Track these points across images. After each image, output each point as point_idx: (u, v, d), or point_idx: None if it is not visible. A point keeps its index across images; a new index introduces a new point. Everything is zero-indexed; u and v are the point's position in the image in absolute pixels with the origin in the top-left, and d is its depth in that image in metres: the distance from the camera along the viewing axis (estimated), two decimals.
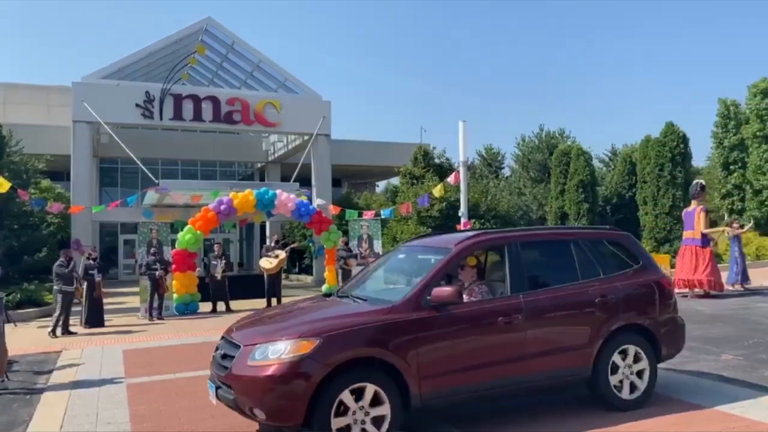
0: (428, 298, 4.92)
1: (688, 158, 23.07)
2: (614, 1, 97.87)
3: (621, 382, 5.54)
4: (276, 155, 31.03)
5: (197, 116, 22.51)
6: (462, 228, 19.05)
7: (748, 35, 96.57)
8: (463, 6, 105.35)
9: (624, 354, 5.59)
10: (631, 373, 5.58)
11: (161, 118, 21.91)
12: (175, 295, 14.51)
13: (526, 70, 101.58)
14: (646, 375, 5.63)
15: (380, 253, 17.74)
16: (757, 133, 28.38)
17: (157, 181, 19.42)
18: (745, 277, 14.98)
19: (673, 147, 22.19)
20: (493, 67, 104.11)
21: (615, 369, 5.52)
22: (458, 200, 20.22)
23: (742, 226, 16.88)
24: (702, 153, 67.16)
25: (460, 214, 19.63)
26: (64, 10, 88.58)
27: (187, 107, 22.32)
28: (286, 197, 16.40)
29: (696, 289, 14.15)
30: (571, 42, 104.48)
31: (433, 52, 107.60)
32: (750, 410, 5.37)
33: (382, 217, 19.37)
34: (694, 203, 14.89)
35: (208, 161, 32.96)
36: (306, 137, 25.09)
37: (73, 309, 12.10)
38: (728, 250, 16.42)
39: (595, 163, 34.05)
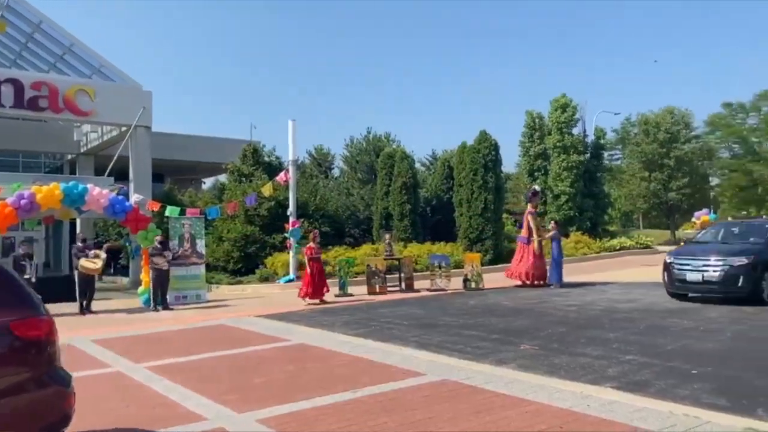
0: None
1: (499, 164, 25.06)
2: (435, 11, 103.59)
3: None
4: (89, 147, 28.66)
5: None
6: (290, 227, 19.05)
7: (554, 53, 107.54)
8: (300, 5, 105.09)
9: None
10: None
11: None
12: None
13: (356, 72, 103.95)
14: None
15: (203, 253, 17.09)
16: (557, 144, 31.76)
17: None
18: (559, 276, 16.37)
19: (486, 154, 23.97)
20: (324, 69, 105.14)
21: None
22: (287, 199, 20.18)
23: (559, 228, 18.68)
24: (512, 160, 73.41)
25: (288, 213, 19.61)
26: None
27: None
28: (99, 192, 15.20)
29: (526, 281, 16.17)
30: (400, 49, 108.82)
31: (270, 49, 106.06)
32: (540, 394, 5.98)
33: (208, 216, 18.68)
34: (529, 206, 17.06)
35: (8, 151, 29.52)
36: (124, 128, 23.48)
37: None
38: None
39: (418, 166, 35.82)
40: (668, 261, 12.97)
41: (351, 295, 15.71)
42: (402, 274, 16.86)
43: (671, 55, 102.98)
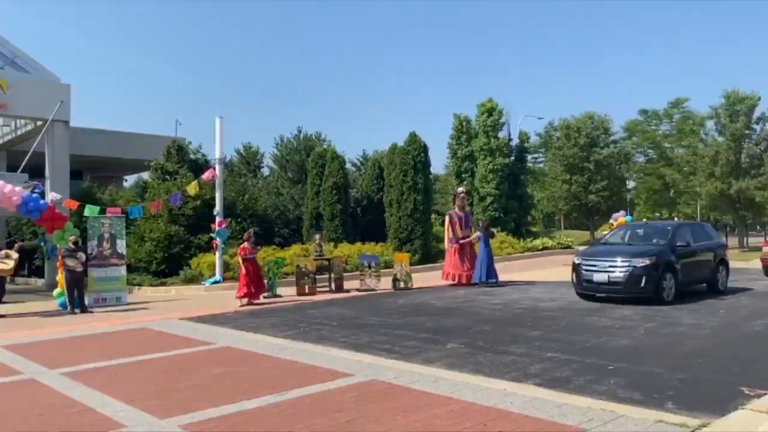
0: None
1: (428, 166, 25.40)
2: (365, 10, 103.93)
3: None
4: (1, 141, 27.06)
5: None
6: (216, 227, 18.63)
7: (482, 56, 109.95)
8: (229, 3, 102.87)
9: None
10: None
11: None
12: None
13: (288, 71, 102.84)
14: None
15: (124, 253, 16.45)
16: (483, 147, 32.53)
17: None
18: (490, 275, 16.54)
19: (415, 155, 24.25)
20: (255, 67, 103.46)
21: None
22: (214, 198, 19.71)
23: (486, 228, 19.07)
24: (440, 162, 74.62)
25: (215, 212, 19.15)
26: None
27: None
28: (11, 190, 14.40)
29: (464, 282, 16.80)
30: (330, 50, 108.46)
31: (196, 44, 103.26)
32: (465, 392, 6.10)
33: (130, 216, 17.99)
34: (456, 207, 17.72)
35: None
36: (39, 122, 22.30)
37: None
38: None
39: (349, 166, 35.84)
40: (576, 262, 13.16)
41: (280, 296, 15.53)
42: (332, 275, 16.81)
43: (595, 61, 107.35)
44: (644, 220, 34.96)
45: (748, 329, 9.45)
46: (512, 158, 33.54)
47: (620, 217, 23.32)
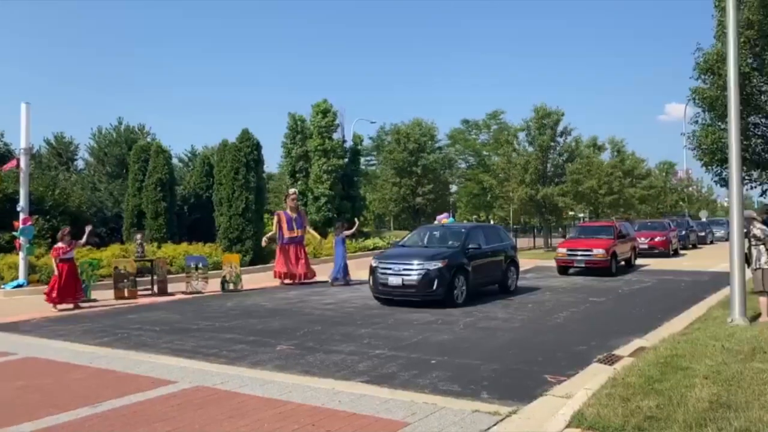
0: None
1: (261, 164, 24.94)
2: (200, 2, 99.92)
3: None
4: None
5: None
6: (20, 225, 16.72)
7: (315, 59, 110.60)
8: None
9: None
10: None
11: None
12: None
13: (108, 60, 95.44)
14: None
15: None
16: (318, 147, 32.72)
17: None
18: (345, 273, 17.21)
19: (248, 153, 23.67)
20: (70, 50, 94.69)
21: None
22: (18, 193, 17.68)
23: (348, 228, 19.28)
24: (274, 161, 73.82)
25: (19, 208, 17.17)
26: None
27: None
28: None
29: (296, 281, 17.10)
30: (158, 39, 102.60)
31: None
32: (294, 394, 6.06)
33: None
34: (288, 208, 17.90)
35: None
36: None
37: None
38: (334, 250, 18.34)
39: (175, 162, 34.13)
40: (373, 265, 12.77)
41: (95, 300, 14.31)
42: (155, 277, 15.85)
43: (422, 70, 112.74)
44: (464, 221, 37.48)
45: (552, 322, 10.49)
46: (346, 160, 34.10)
47: (443, 218, 24.70)
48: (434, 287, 11.88)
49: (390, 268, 12.34)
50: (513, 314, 11.25)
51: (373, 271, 12.71)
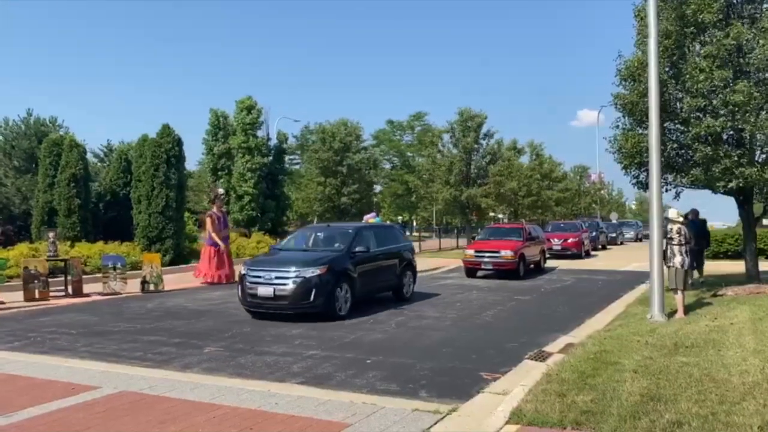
0: None
1: (182, 161, 24.08)
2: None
3: None
4: None
5: None
6: None
7: (237, 57, 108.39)
8: None
9: None
10: None
11: None
12: None
13: (12, 51, 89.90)
14: None
15: None
16: (242, 145, 32.01)
17: None
18: None
19: (168, 149, 22.79)
20: None
21: None
22: None
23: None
24: (194, 158, 71.76)
25: None
26: None
27: None
28: None
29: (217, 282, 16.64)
30: (68, 29, 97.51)
31: None
32: (228, 397, 5.84)
33: None
34: (214, 207, 17.72)
35: None
36: None
37: None
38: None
39: (90, 157, 32.51)
40: (242, 272, 11.02)
41: (2, 302, 13.36)
42: (69, 277, 14.98)
43: (348, 70, 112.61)
44: (387, 221, 37.70)
45: (481, 320, 10.67)
46: (270, 158, 33.55)
47: (370, 218, 24.72)
48: (311, 298, 10.18)
49: (260, 276, 10.59)
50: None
51: (241, 279, 10.99)
